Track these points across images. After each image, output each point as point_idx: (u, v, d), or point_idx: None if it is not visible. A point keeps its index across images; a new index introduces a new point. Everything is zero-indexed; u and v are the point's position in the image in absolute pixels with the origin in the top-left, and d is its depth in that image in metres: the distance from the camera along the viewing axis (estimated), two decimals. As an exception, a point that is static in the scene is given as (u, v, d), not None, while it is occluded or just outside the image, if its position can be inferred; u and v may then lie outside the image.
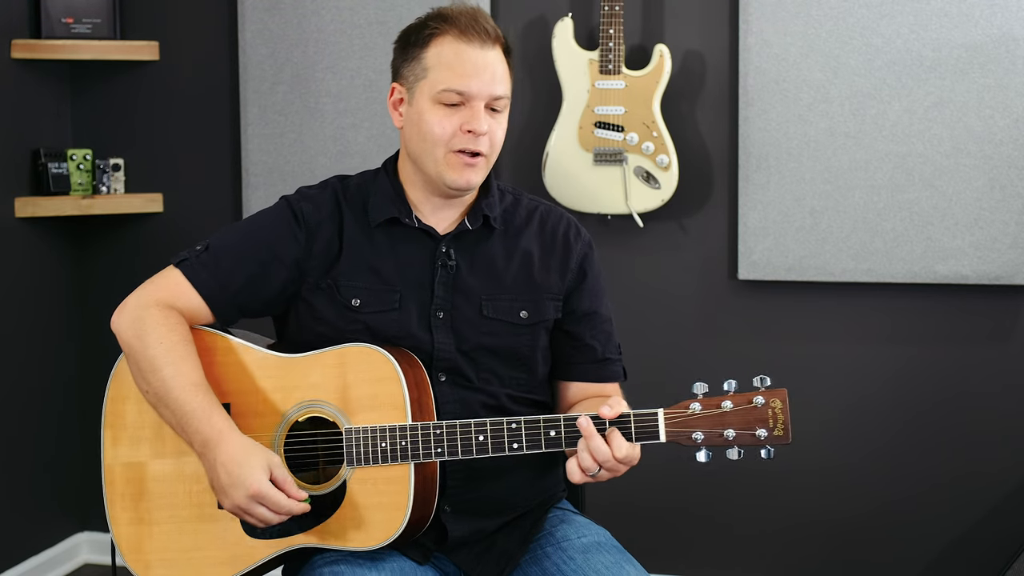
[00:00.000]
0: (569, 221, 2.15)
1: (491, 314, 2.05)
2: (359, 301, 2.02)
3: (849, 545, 3.31)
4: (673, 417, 1.85)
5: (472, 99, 1.97)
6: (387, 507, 1.92)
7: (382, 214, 2.05)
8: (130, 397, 2.03)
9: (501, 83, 1.99)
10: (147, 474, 2.01)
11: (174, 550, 2.00)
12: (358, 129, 3.39)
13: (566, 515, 2.14)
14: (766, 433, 1.81)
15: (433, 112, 1.98)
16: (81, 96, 3.62)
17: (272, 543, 1.97)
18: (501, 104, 2.01)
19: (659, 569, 3.37)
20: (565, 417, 1.89)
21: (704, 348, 3.36)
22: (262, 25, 3.43)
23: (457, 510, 2.03)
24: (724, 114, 3.26)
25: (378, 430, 1.92)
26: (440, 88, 1.97)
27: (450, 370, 2.03)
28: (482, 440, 1.91)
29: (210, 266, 2.02)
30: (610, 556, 2.02)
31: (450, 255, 2.04)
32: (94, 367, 3.68)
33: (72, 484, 3.69)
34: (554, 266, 2.10)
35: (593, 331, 2.13)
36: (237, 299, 2.03)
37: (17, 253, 3.45)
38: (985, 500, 3.23)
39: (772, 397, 1.82)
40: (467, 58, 1.97)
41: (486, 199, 2.08)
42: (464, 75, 1.96)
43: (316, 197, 2.08)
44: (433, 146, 1.99)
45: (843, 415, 3.28)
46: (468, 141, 1.98)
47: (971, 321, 3.19)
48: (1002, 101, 3.06)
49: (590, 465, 1.85)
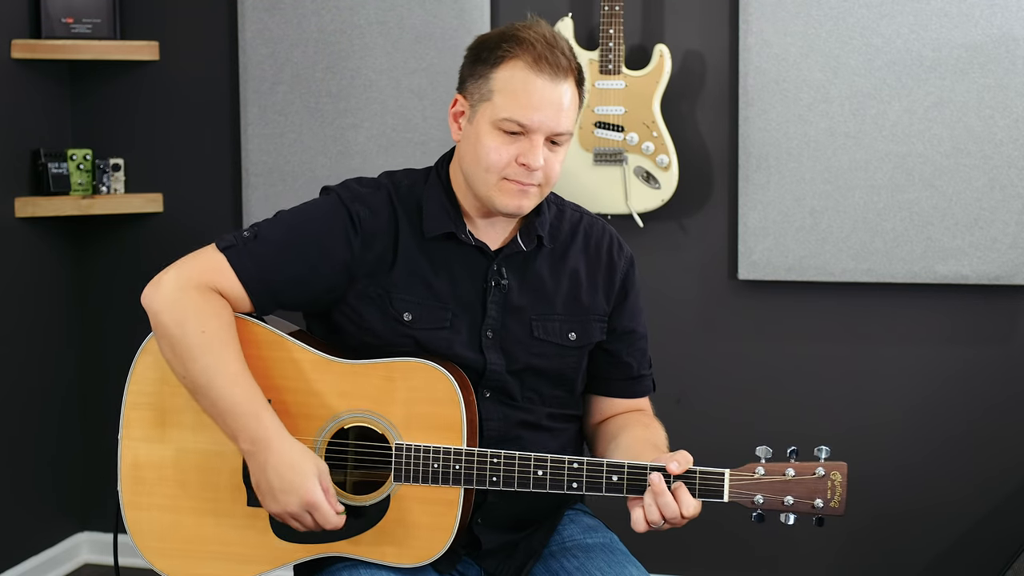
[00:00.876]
0: (612, 236, 2.12)
1: (542, 335, 2.03)
2: (411, 316, 1.97)
3: (849, 545, 3.31)
4: (738, 479, 1.86)
5: (532, 132, 1.92)
6: (431, 527, 1.91)
7: (438, 227, 1.99)
8: (157, 379, 1.97)
9: (566, 119, 1.93)
10: (170, 460, 1.97)
11: (190, 541, 1.96)
12: (358, 129, 3.39)
13: (576, 516, 2.15)
14: (823, 504, 1.86)
15: (491, 137, 1.93)
16: (81, 96, 3.62)
17: (307, 548, 1.94)
18: (563, 139, 1.95)
19: (664, 571, 3.37)
20: (629, 465, 1.87)
21: (704, 348, 3.36)
22: (262, 25, 3.43)
23: (490, 523, 2.02)
24: (724, 114, 3.26)
25: (431, 450, 1.90)
26: (502, 116, 1.91)
27: (497, 389, 2.01)
28: (541, 475, 1.88)
29: (256, 256, 1.95)
30: (612, 557, 2.03)
31: (502, 273, 2.01)
32: (94, 367, 3.68)
33: (73, 484, 3.69)
34: (600, 286, 2.07)
35: (630, 349, 2.12)
36: (278, 295, 1.97)
37: (17, 253, 3.45)
38: (985, 500, 3.23)
39: (833, 470, 1.87)
40: (534, 90, 1.90)
41: (538, 218, 2.04)
42: (528, 107, 1.90)
43: (370, 200, 2.00)
44: (486, 171, 1.93)
45: (843, 415, 3.28)
46: (521, 174, 1.93)
47: (971, 321, 3.19)
48: (1002, 101, 3.06)
49: (656, 520, 1.84)
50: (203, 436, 1.96)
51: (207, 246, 1.99)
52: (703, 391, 3.36)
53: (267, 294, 1.97)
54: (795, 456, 1.87)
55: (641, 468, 1.86)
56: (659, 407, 2.22)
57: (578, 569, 2.00)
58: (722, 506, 1.91)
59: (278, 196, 3.42)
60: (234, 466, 1.95)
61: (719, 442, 3.30)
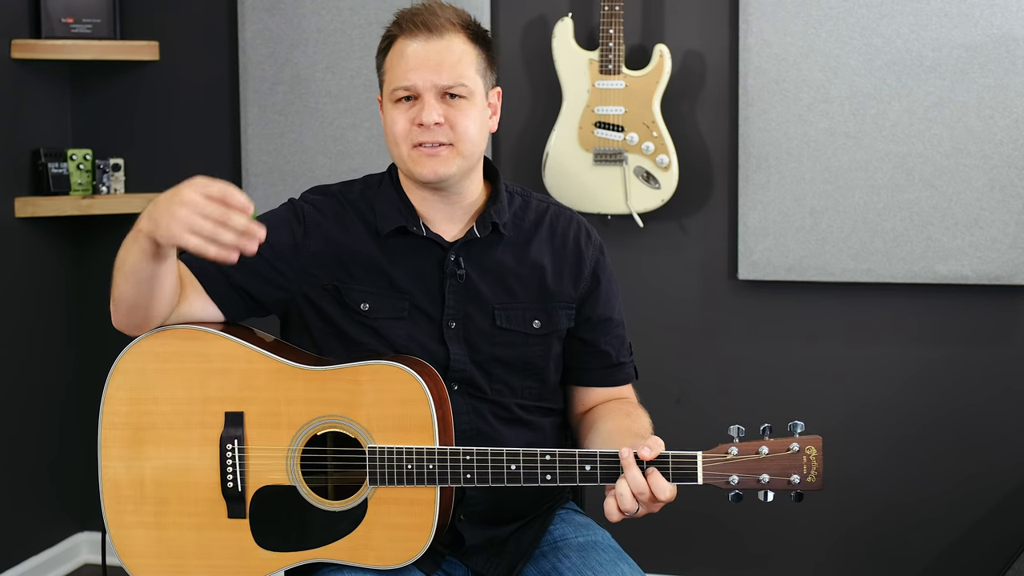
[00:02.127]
0: (580, 224, 2.12)
1: (504, 324, 2.03)
2: (368, 306, 2.00)
3: (849, 545, 3.31)
4: (711, 460, 1.85)
5: (420, 92, 1.96)
6: (409, 528, 1.91)
7: (390, 223, 2.02)
8: (130, 398, 1.98)
9: (449, 72, 1.96)
10: (150, 477, 1.98)
11: (176, 556, 1.97)
12: (358, 129, 3.39)
13: (568, 515, 2.15)
14: (799, 479, 1.85)
15: (391, 112, 1.99)
16: (81, 96, 3.62)
17: (285, 556, 1.94)
18: (461, 91, 1.97)
19: (657, 569, 3.37)
20: (601, 453, 1.86)
21: (704, 348, 3.36)
22: (262, 25, 3.43)
23: (472, 519, 2.02)
24: (724, 114, 3.27)
25: (403, 451, 1.90)
26: (391, 88, 1.98)
27: (463, 381, 2.01)
28: (514, 470, 1.88)
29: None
30: (605, 555, 2.02)
31: (459, 263, 2.02)
32: (94, 367, 3.68)
33: (72, 484, 3.70)
34: (567, 274, 2.08)
35: (607, 336, 2.11)
36: (240, 291, 1.99)
37: (17, 253, 3.45)
38: (985, 500, 3.23)
39: (807, 444, 1.85)
40: (410, 54, 1.96)
41: (494, 205, 2.05)
42: (406, 70, 1.96)
43: (318, 203, 2.06)
44: (396, 145, 1.98)
45: (843, 415, 3.28)
46: (421, 134, 1.96)
47: (971, 321, 3.19)
48: (1002, 101, 3.06)
49: (630, 505, 1.82)
50: (178, 452, 1.97)
51: None
52: (703, 391, 3.36)
53: (224, 285, 1.99)
54: (768, 433, 1.85)
55: (613, 456, 1.85)
56: (659, 407, 2.22)
57: (570, 569, 2.00)
58: (715, 500, 1.91)
59: (278, 196, 3.42)
60: (211, 480, 1.96)
61: (719, 442, 3.30)
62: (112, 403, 1.99)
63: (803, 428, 1.85)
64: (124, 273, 1.88)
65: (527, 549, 2.07)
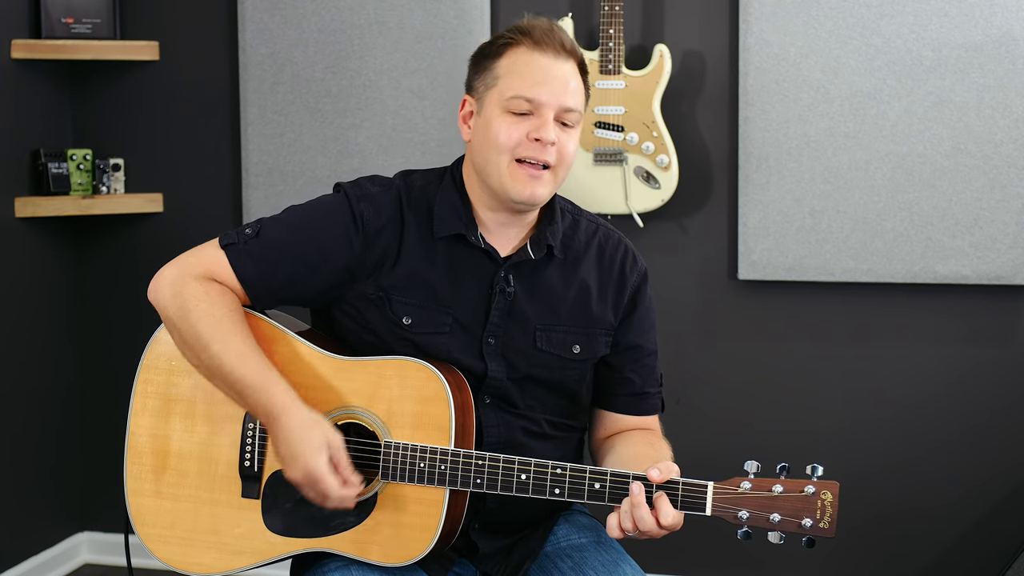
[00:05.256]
0: (627, 249, 2.10)
1: (545, 347, 2.01)
2: (410, 320, 1.97)
3: (849, 545, 3.31)
4: (722, 492, 1.81)
5: (541, 108, 1.92)
6: (415, 527, 1.91)
7: (448, 228, 1.99)
8: (165, 368, 2.01)
9: (573, 96, 1.94)
10: (173, 449, 2.00)
11: (188, 529, 1.99)
12: (358, 129, 3.39)
13: (571, 515, 2.15)
14: (811, 523, 1.79)
15: (501, 120, 1.93)
16: (81, 96, 3.62)
17: (291, 542, 1.95)
18: (572, 118, 1.95)
19: (657, 569, 3.37)
20: (612, 472, 1.85)
21: (704, 348, 3.36)
22: (262, 25, 3.43)
23: (488, 529, 2.02)
24: (724, 114, 3.27)
25: (418, 449, 1.90)
26: (509, 95, 1.92)
27: (497, 395, 2.00)
28: (524, 480, 1.88)
29: (255, 256, 1.96)
30: (607, 555, 2.03)
31: (509, 281, 1.99)
32: (95, 367, 3.68)
33: (73, 484, 3.70)
34: (609, 298, 2.06)
35: (634, 364, 2.09)
36: (277, 293, 1.99)
37: (17, 253, 3.45)
38: (985, 500, 3.23)
39: (824, 488, 1.79)
40: (539, 66, 1.93)
41: (550, 226, 2.02)
42: (535, 83, 1.92)
43: (378, 199, 2.00)
44: (498, 155, 1.93)
45: (843, 415, 3.28)
46: (534, 150, 1.92)
47: (971, 321, 3.19)
48: (1002, 101, 3.06)
49: (630, 528, 1.82)
50: (203, 427, 2.00)
51: (210, 241, 2.01)
52: (703, 391, 3.36)
53: (265, 292, 1.99)
54: (786, 473, 1.80)
55: (623, 476, 1.84)
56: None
57: (573, 569, 2.00)
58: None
59: (278, 196, 3.42)
60: (230, 459, 1.98)
61: (719, 442, 3.31)
62: (148, 371, 2.02)
63: (822, 472, 1.80)
64: (213, 372, 1.93)
65: (534, 549, 2.07)
